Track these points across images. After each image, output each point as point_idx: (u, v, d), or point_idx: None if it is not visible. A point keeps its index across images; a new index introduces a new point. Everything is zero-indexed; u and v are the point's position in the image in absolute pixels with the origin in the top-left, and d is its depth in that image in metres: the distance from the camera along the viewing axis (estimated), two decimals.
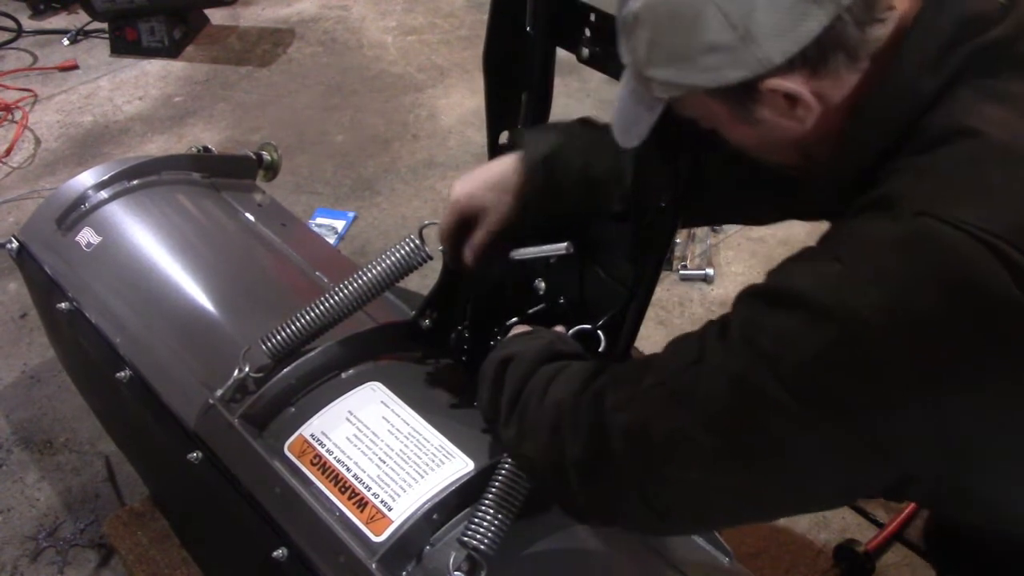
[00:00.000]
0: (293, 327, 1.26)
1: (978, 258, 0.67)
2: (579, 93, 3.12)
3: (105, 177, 1.62)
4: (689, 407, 0.78)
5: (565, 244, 1.14)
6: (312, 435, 1.20)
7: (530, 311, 1.21)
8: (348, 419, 1.21)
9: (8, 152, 3.02)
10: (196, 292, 1.47)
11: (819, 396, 0.73)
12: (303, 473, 1.17)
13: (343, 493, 1.13)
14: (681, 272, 2.41)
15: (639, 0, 0.78)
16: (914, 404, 0.71)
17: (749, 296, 0.79)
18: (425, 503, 1.08)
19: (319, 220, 2.65)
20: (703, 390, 0.78)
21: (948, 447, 0.74)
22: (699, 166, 1.05)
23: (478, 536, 1.02)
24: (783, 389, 0.73)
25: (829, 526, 1.78)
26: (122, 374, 1.38)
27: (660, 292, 2.34)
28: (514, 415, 0.95)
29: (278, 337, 1.27)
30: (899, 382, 0.71)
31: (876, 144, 0.78)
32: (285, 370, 1.24)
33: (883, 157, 0.77)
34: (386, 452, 1.16)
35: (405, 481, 1.12)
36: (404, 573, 1.06)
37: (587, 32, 1.12)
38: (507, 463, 1.05)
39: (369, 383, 1.25)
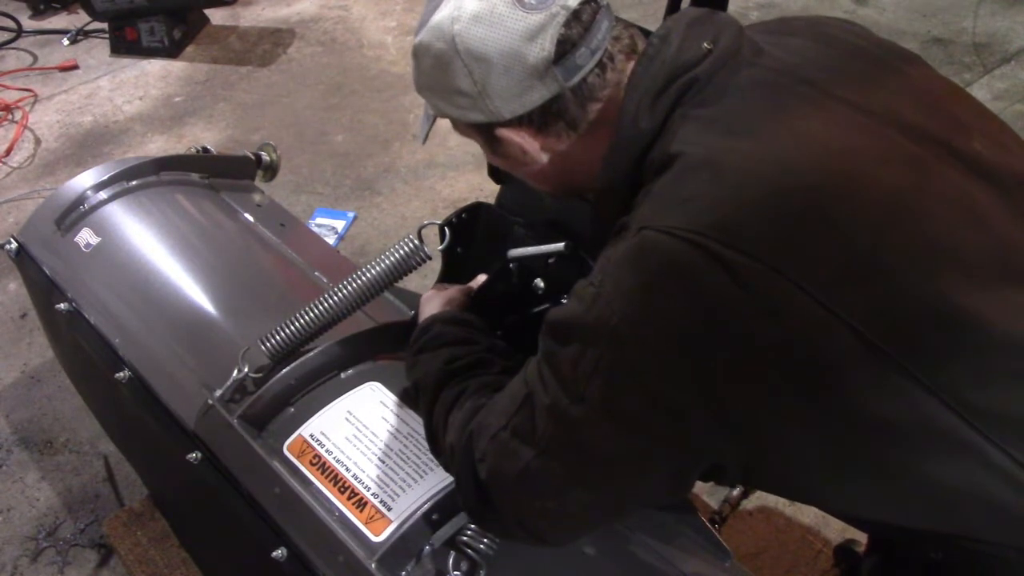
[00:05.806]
0: (292, 327, 1.26)
1: (688, 255, 0.79)
2: None
3: (104, 178, 1.62)
4: (529, 444, 0.88)
5: (563, 243, 1.14)
6: (311, 435, 1.20)
7: (529, 311, 1.21)
8: (347, 419, 1.21)
9: (8, 152, 3.02)
10: (195, 293, 1.47)
11: (615, 405, 0.83)
12: (302, 473, 1.17)
13: (342, 493, 1.13)
14: None
15: (418, 36, 0.95)
16: (680, 394, 0.81)
17: (546, 330, 0.90)
18: (424, 503, 1.08)
19: (319, 220, 2.65)
20: (534, 427, 0.88)
21: (729, 435, 0.83)
22: None
23: (477, 536, 1.02)
24: (586, 408, 0.84)
25: (829, 526, 1.78)
26: (121, 375, 1.38)
27: None
28: (434, 444, 1.05)
29: (277, 337, 1.27)
30: (661, 376, 0.81)
31: (620, 180, 0.91)
32: (284, 370, 1.24)
33: (634, 192, 0.89)
34: (385, 452, 1.16)
35: (404, 481, 1.12)
36: (403, 573, 1.06)
37: None
38: None
39: (368, 383, 1.25)
